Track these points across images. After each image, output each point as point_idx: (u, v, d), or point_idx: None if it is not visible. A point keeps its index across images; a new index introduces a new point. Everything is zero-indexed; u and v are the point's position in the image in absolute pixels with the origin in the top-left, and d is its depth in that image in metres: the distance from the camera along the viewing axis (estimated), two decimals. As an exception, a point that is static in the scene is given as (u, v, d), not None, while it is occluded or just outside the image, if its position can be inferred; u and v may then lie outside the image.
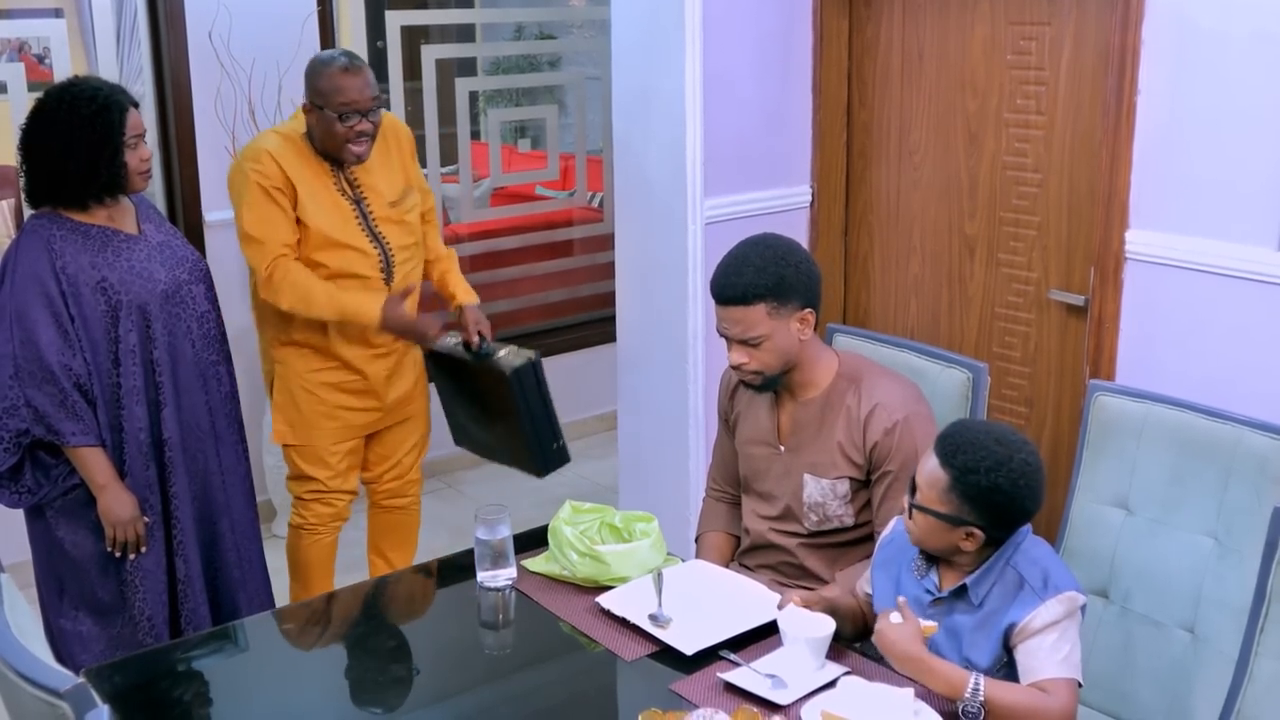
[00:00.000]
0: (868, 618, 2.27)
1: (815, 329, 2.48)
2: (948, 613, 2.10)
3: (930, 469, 2.07)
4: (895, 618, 2.04)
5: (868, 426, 2.44)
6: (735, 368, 2.48)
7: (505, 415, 3.24)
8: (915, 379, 2.59)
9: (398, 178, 3.26)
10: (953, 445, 2.05)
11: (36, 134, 2.69)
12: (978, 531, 2.04)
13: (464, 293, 3.38)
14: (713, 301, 2.45)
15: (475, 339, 3.20)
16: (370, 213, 3.18)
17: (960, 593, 2.09)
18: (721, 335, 2.47)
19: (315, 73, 3.10)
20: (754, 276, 2.39)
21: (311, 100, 3.09)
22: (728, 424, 2.72)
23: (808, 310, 2.43)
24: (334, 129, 3.06)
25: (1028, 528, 2.11)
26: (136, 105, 2.76)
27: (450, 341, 3.29)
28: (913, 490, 2.10)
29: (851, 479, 2.48)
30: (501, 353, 3.22)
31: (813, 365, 2.51)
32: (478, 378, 3.27)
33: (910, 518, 2.10)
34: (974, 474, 2.02)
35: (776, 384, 2.50)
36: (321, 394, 3.22)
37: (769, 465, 2.57)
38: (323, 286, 3.08)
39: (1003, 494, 2.02)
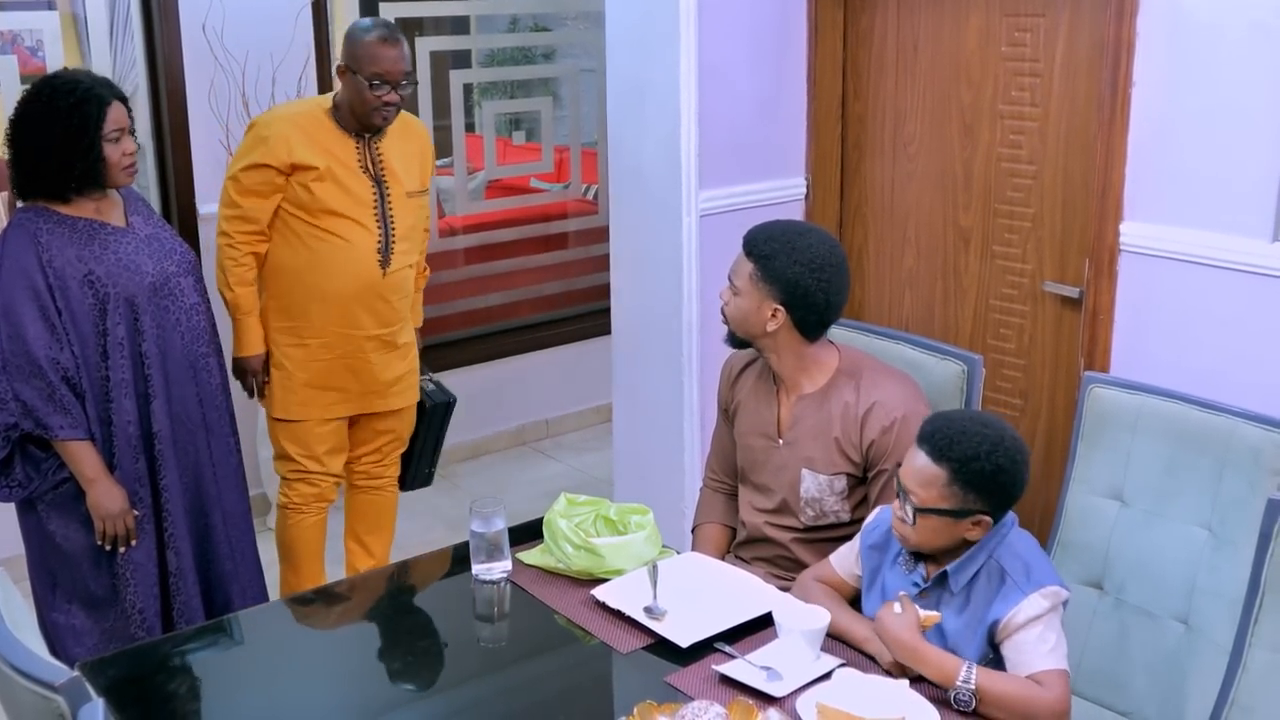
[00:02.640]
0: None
1: (803, 335, 2.47)
2: (934, 605, 2.11)
3: (924, 469, 2.06)
4: (897, 608, 2.05)
5: (865, 424, 2.44)
6: (722, 300, 2.53)
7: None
8: (910, 371, 2.59)
9: (416, 173, 3.34)
10: (944, 439, 2.05)
11: (19, 127, 2.69)
12: (985, 517, 2.05)
13: (415, 317, 3.55)
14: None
15: None
16: (388, 194, 3.23)
17: (943, 580, 2.10)
18: None
19: (353, 38, 3.18)
20: (763, 238, 2.45)
21: (346, 63, 3.16)
22: (727, 414, 2.72)
23: (780, 308, 2.43)
24: (364, 95, 3.13)
25: (1013, 520, 2.12)
26: (124, 99, 2.75)
27: None
28: (904, 496, 2.09)
29: (849, 475, 2.48)
30: (424, 380, 3.60)
31: (812, 359, 2.51)
32: None
33: (913, 524, 2.08)
34: (976, 461, 2.02)
35: (738, 343, 2.55)
36: (295, 370, 3.27)
37: (767, 458, 2.57)
38: (244, 289, 3.22)
39: (1006, 473, 2.04)
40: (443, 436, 3.66)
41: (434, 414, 3.57)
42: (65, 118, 2.65)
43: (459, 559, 2.51)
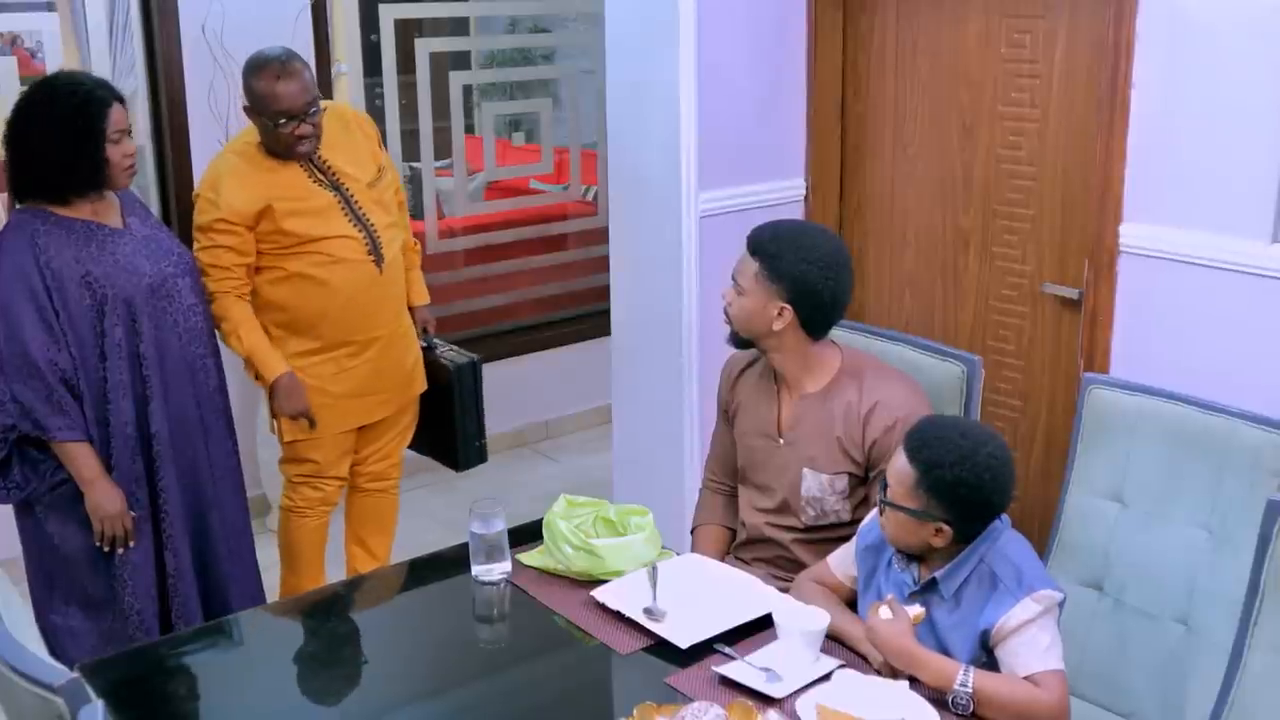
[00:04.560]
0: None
1: (808, 334, 2.48)
2: (924, 606, 2.11)
3: (899, 465, 2.08)
4: (885, 613, 2.05)
5: (868, 424, 2.44)
6: (725, 300, 2.52)
7: (437, 409, 3.49)
8: (910, 372, 2.59)
9: (368, 161, 3.30)
10: (919, 441, 2.06)
11: (19, 129, 2.69)
12: (946, 528, 2.05)
13: (418, 294, 3.52)
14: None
15: (420, 335, 3.45)
16: (352, 197, 3.21)
17: (932, 585, 2.10)
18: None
19: (249, 75, 3.08)
20: (768, 236, 2.45)
21: (250, 103, 3.09)
22: (727, 415, 2.72)
23: (787, 307, 2.43)
24: (274, 134, 3.07)
25: (1006, 523, 2.12)
26: (122, 100, 2.75)
27: None
28: (884, 487, 2.11)
29: (850, 475, 2.48)
30: (444, 349, 3.49)
31: (816, 359, 2.51)
32: None
33: (882, 514, 2.11)
34: (939, 469, 2.02)
35: (741, 343, 2.54)
36: (327, 386, 3.25)
37: (767, 457, 2.57)
38: (248, 329, 3.12)
39: (968, 488, 2.02)
40: (480, 401, 3.53)
41: (462, 377, 3.45)
42: (70, 120, 2.65)
43: (458, 560, 2.51)
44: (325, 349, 3.22)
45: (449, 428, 3.49)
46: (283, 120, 3.04)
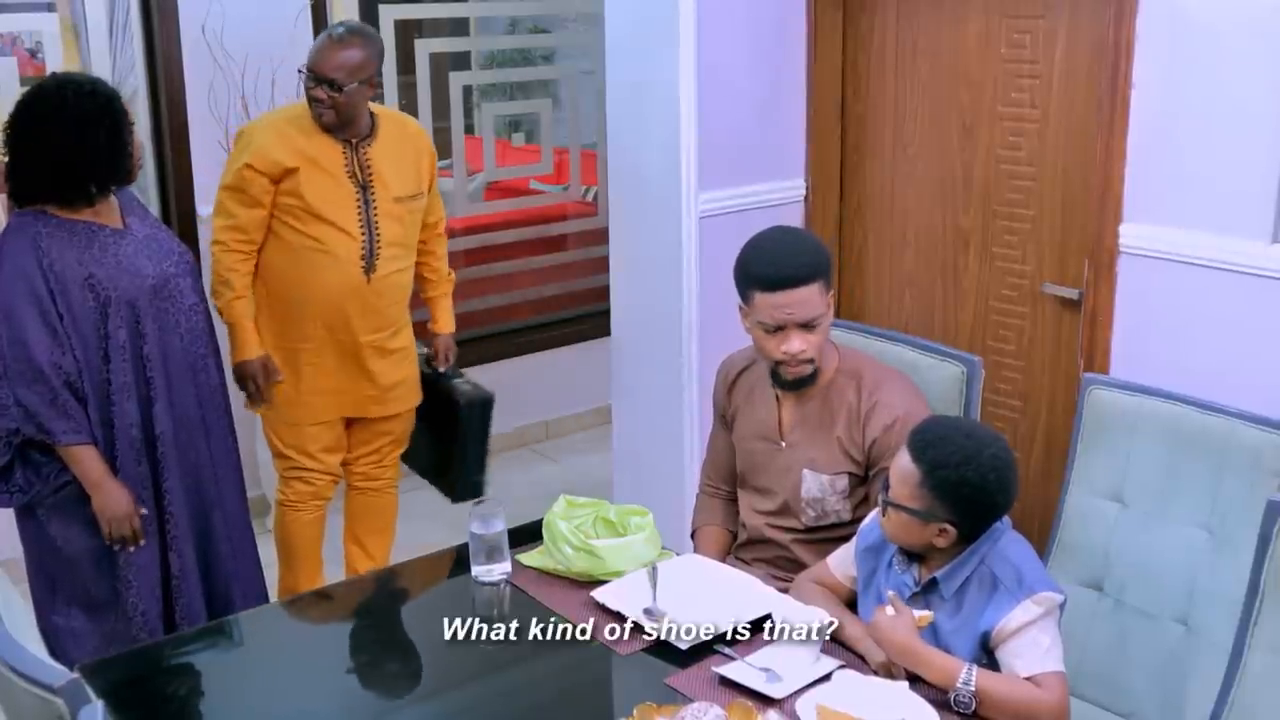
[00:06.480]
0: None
1: None
2: (924, 607, 2.11)
3: (903, 465, 2.08)
4: (890, 610, 2.05)
5: (868, 423, 2.44)
6: (790, 358, 2.40)
7: (441, 436, 3.52)
8: (910, 373, 2.59)
9: (410, 178, 3.32)
10: (923, 441, 2.06)
11: (33, 131, 2.67)
12: (950, 528, 2.05)
13: (444, 323, 3.59)
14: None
15: (441, 362, 3.52)
16: (373, 199, 3.22)
17: (933, 585, 2.10)
18: (777, 326, 2.38)
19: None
20: (811, 255, 2.41)
21: None
22: (724, 419, 2.72)
23: (831, 292, 2.45)
24: (305, 88, 3.17)
25: (1006, 525, 2.12)
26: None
27: (419, 351, 3.51)
28: (886, 487, 2.11)
29: (850, 474, 2.48)
30: (459, 380, 3.51)
31: (819, 358, 2.50)
32: (429, 395, 3.52)
33: (884, 515, 2.11)
34: (943, 469, 2.02)
35: (815, 374, 2.47)
36: (294, 376, 3.28)
37: (769, 460, 2.57)
38: (241, 300, 3.19)
39: (971, 488, 2.02)
40: (487, 438, 3.53)
41: (471, 412, 3.46)
42: (98, 119, 2.67)
43: (458, 560, 2.51)
44: (299, 340, 3.26)
45: (449, 458, 3.51)
46: (310, 75, 3.13)
